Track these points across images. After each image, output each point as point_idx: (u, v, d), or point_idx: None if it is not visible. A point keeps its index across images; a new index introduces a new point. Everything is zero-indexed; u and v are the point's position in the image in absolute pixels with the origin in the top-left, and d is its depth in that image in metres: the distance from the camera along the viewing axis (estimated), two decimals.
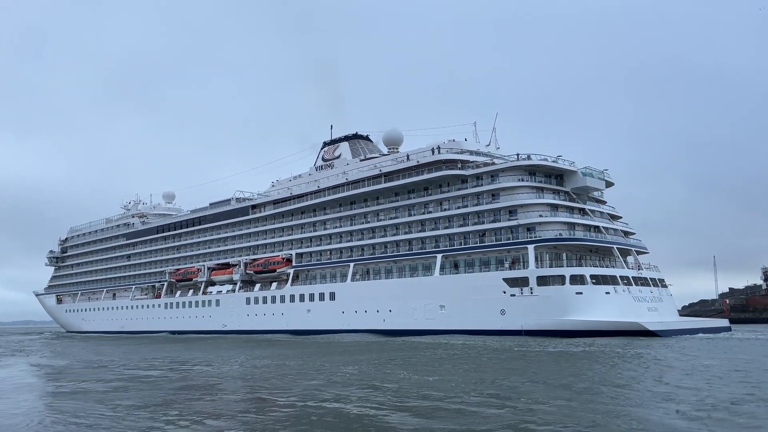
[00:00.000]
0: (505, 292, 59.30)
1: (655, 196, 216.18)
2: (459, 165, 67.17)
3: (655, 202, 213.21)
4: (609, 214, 67.07)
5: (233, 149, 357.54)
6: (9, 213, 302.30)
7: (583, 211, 63.35)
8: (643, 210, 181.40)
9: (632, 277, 59.59)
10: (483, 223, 64.19)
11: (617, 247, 61.68)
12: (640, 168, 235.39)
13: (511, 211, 62.43)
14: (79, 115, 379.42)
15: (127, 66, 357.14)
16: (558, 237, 59.36)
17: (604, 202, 69.01)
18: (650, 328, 51.13)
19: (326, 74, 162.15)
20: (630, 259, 64.03)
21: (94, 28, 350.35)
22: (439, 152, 68.74)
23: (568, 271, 56.77)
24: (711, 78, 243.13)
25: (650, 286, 61.11)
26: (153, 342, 71.83)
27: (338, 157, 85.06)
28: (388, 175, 72.71)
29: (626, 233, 66.77)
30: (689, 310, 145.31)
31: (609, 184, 67.71)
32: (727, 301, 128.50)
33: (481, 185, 65.09)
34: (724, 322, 64.33)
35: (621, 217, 68.96)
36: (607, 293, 56.07)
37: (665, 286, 64.30)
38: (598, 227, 62.44)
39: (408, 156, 72.67)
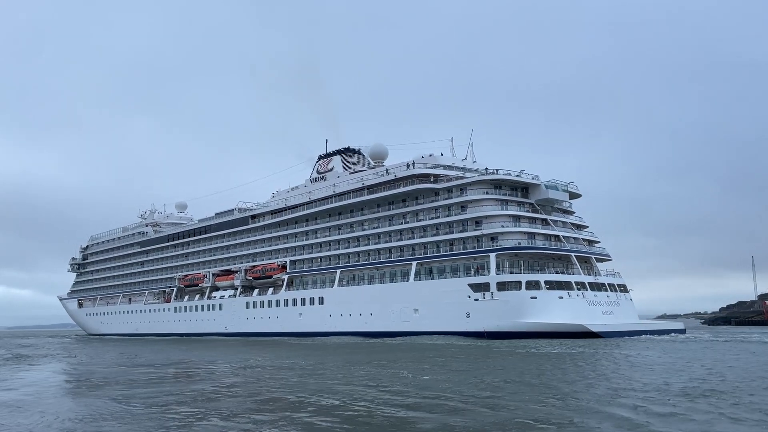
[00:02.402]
0: (470, 297, 64.23)
1: (689, 195, 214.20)
2: (432, 179, 72.37)
3: (690, 200, 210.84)
4: (573, 224, 71.37)
5: (245, 157, 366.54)
6: (34, 217, 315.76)
7: (545, 222, 67.92)
8: (676, 208, 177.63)
9: (588, 282, 63.95)
10: (452, 232, 69.23)
11: (576, 255, 66.09)
12: (672, 165, 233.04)
13: (477, 221, 67.35)
14: (91, 118, 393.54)
15: (136, 68, 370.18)
16: (517, 246, 64.09)
17: (571, 213, 73.28)
18: (593, 330, 55.62)
19: (320, 84, 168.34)
20: (601, 265, 68.65)
21: (101, 29, 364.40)
22: (413, 167, 74.08)
23: (524, 278, 61.49)
24: (749, 72, 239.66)
25: (608, 291, 65.40)
26: (150, 346, 77.69)
27: (331, 169, 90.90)
28: (371, 188, 78.26)
29: (590, 242, 71.13)
30: (727, 312, 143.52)
31: (574, 196, 72.16)
32: (767, 302, 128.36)
33: (451, 198, 70.19)
34: (678, 325, 68.29)
35: (587, 227, 73.21)
36: (561, 298, 60.63)
37: (625, 291, 68.48)
38: (558, 236, 66.94)
39: (387, 170, 78.12)
